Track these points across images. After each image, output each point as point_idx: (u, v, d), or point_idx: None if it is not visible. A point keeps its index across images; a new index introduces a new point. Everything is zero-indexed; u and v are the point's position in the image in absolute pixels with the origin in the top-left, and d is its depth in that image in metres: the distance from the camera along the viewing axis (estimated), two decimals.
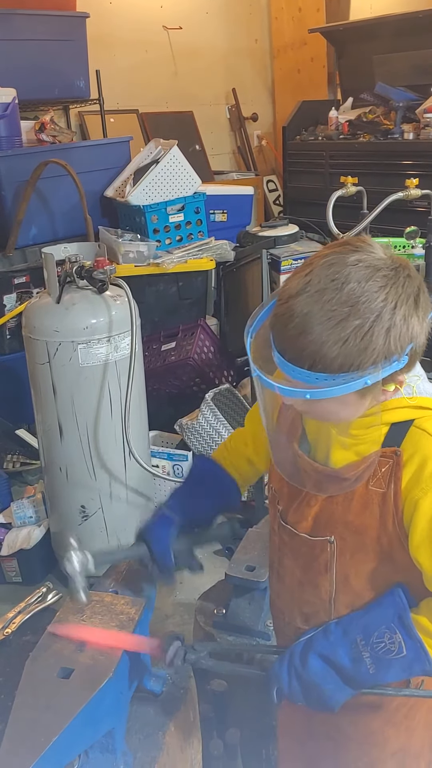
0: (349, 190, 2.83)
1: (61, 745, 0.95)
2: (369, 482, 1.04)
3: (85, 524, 2.56)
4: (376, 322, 0.89)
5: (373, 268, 0.91)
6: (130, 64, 4.87)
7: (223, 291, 3.78)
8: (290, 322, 0.91)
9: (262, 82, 5.87)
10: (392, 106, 4.22)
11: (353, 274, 0.90)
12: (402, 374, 0.96)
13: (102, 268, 2.31)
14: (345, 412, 0.99)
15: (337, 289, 0.89)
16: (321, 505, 1.11)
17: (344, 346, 0.89)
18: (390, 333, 0.89)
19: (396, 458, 1.01)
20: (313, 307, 0.90)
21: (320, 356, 0.90)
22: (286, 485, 1.16)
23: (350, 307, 0.89)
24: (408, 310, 0.91)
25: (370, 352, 0.89)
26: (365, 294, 0.89)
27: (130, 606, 1.18)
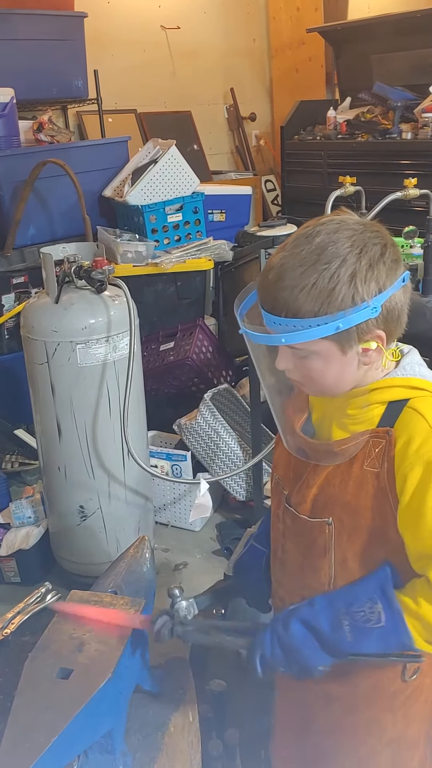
0: (348, 190, 2.83)
1: (61, 745, 0.95)
2: (364, 463, 1.07)
3: (83, 524, 2.56)
4: (341, 265, 0.96)
5: (343, 223, 1.00)
6: (128, 64, 4.87)
7: (222, 291, 3.78)
8: (269, 273, 1.01)
9: (260, 81, 5.87)
10: (390, 105, 4.23)
11: (324, 228, 1.00)
12: (381, 330, 1.01)
13: (100, 268, 2.31)
14: (331, 371, 1.03)
15: (309, 242, 0.99)
16: (319, 487, 1.13)
17: (313, 289, 0.96)
18: (356, 277, 0.96)
19: (388, 438, 1.04)
20: (287, 258, 0.99)
21: (293, 300, 0.97)
22: (291, 471, 1.19)
23: (318, 255, 0.97)
24: (373, 259, 0.98)
25: (337, 294, 0.96)
26: (332, 243, 0.97)
27: (129, 606, 1.18)
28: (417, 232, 2.76)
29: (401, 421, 1.04)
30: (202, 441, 3.00)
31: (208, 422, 2.96)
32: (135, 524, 2.65)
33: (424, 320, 2.19)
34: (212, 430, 2.97)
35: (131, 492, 2.59)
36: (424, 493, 1.01)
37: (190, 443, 3.03)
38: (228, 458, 2.99)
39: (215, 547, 2.96)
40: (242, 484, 3.03)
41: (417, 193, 2.56)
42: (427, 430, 1.02)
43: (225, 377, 3.51)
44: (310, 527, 1.16)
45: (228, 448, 2.98)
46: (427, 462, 1.01)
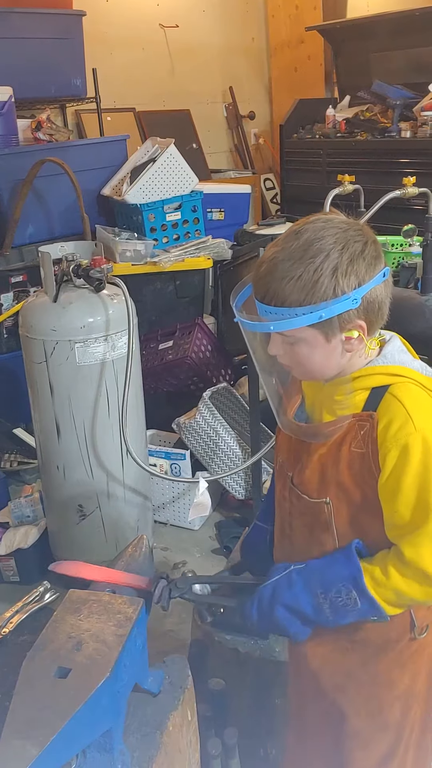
0: (346, 189, 2.82)
1: (59, 744, 0.94)
2: (351, 444, 1.16)
3: (82, 523, 2.56)
4: (324, 260, 1.06)
5: (330, 222, 1.10)
6: (126, 63, 4.86)
7: (221, 290, 3.77)
8: (261, 266, 1.11)
9: (259, 80, 5.87)
10: (389, 104, 4.22)
11: (311, 226, 1.10)
12: (362, 320, 1.10)
13: (99, 267, 2.30)
14: (316, 356, 1.13)
15: (297, 238, 1.09)
16: (315, 470, 1.23)
17: (299, 281, 1.06)
18: (338, 269, 1.06)
19: (371, 421, 1.13)
20: (278, 253, 1.09)
21: (281, 290, 1.07)
22: (293, 454, 1.28)
23: (305, 250, 1.07)
24: (354, 254, 1.07)
25: (321, 285, 1.06)
26: (318, 239, 1.07)
27: (127, 605, 1.18)
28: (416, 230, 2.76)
29: (382, 405, 1.13)
30: (201, 440, 3.00)
31: (207, 421, 2.96)
32: (134, 523, 2.65)
33: (423, 319, 2.19)
34: (211, 428, 2.97)
35: (130, 491, 2.59)
36: (400, 474, 1.10)
37: (189, 442, 3.03)
38: (227, 457, 2.99)
39: (214, 545, 2.96)
40: (241, 483, 3.03)
41: (416, 192, 2.55)
42: (404, 415, 1.10)
43: (224, 376, 3.51)
44: (311, 506, 1.25)
45: (227, 447, 2.98)
46: (403, 446, 1.09)
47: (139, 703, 1.22)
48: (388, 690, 1.30)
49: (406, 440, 1.09)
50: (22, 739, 0.94)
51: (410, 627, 1.26)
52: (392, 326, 1.31)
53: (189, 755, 1.28)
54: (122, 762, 1.09)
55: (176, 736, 1.21)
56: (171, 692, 1.26)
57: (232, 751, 1.56)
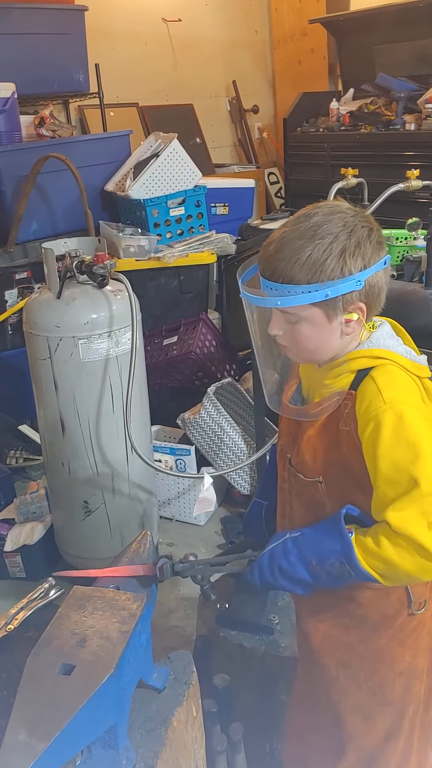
0: (350, 182, 2.81)
1: (63, 741, 0.95)
2: (339, 423, 1.20)
3: (88, 519, 2.56)
4: (333, 241, 1.11)
5: (337, 207, 1.16)
6: (129, 58, 4.84)
7: (225, 284, 3.77)
8: (270, 245, 1.15)
9: (262, 73, 5.84)
10: (393, 96, 4.19)
11: (321, 210, 1.15)
12: (363, 303, 1.15)
13: (102, 263, 2.30)
14: (316, 336, 1.17)
15: (307, 220, 1.14)
16: (309, 451, 1.27)
17: (308, 261, 1.10)
18: (345, 251, 1.10)
19: (353, 399, 1.18)
20: (287, 233, 1.14)
21: (289, 269, 1.11)
22: (291, 436, 1.33)
23: (314, 231, 1.12)
24: (361, 238, 1.12)
25: (329, 265, 1.10)
26: (327, 222, 1.12)
27: (131, 602, 1.18)
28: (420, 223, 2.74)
29: (361, 386, 1.18)
30: (205, 435, 3.00)
31: (211, 416, 2.96)
32: (139, 519, 2.65)
33: (427, 312, 2.18)
34: (216, 424, 2.96)
35: (135, 487, 2.60)
36: (374, 447, 1.13)
37: (193, 437, 3.03)
38: (232, 452, 2.99)
39: (220, 541, 2.96)
40: (246, 478, 3.03)
41: (419, 185, 2.54)
42: (374, 391, 1.15)
43: (228, 371, 3.50)
44: (307, 485, 1.29)
45: (232, 442, 2.98)
46: (374, 420, 1.13)
47: (144, 699, 1.22)
48: (390, 666, 1.32)
49: (376, 413, 1.12)
50: (27, 736, 0.94)
51: (407, 602, 1.29)
52: (397, 320, 1.31)
53: (194, 751, 1.28)
54: (127, 758, 1.09)
55: (181, 732, 1.21)
56: (176, 688, 1.26)
57: (237, 746, 1.56)
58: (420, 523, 1.09)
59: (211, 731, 1.52)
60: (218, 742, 1.52)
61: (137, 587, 1.24)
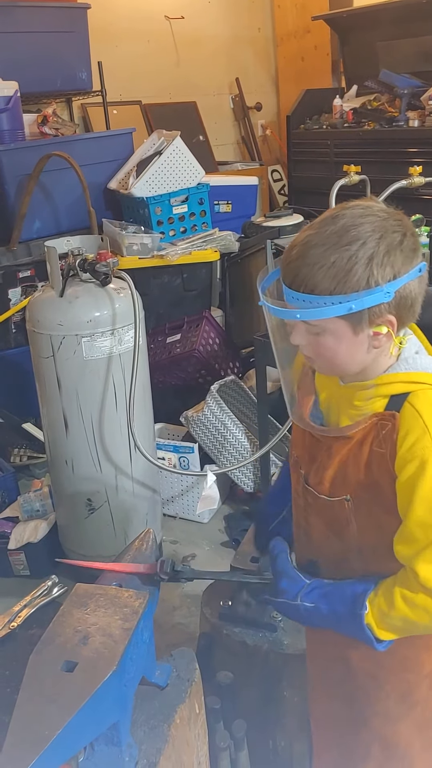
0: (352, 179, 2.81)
1: (66, 738, 0.95)
2: (373, 443, 1.12)
3: (91, 517, 2.57)
4: (361, 248, 1.01)
5: (368, 209, 1.05)
6: (132, 55, 4.84)
7: (228, 282, 3.76)
8: (292, 250, 1.06)
9: (265, 71, 5.83)
10: (397, 93, 4.19)
11: (349, 212, 1.05)
12: (392, 315, 1.05)
13: (105, 261, 2.30)
14: (341, 350, 1.08)
15: (334, 223, 1.04)
16: (335, 468, 1.19)
17: (332, 268, 1.01)
18: (373, 260, 1.01)
19: (393, 421, 1.10)
20: (312, 237, 1.04)
21: (311, 276, 1.02)
22: (307, 452, 1.26)
23: (340, 236, 1.02)
24: (391, 244, 1.02)
25: (354, 274, 1.01)
26: (355, 226, 1.02)
27: (134, 599, 1.18)
28: (423, 220, 2.74)
29: (402, 413, 1.09)
30: (209, 433, 3.00)
31: (215, 414, 2.96)
32: (143, 517, 2.66)
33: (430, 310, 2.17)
34: (219, 422, 2.97)
35: (138, 484, 2.60)
36: (413, 487, 1.07)
37: (197, 435, 3.03)
38: (235, 450, 2.99)
39: (224, 538, 2.96)
40: (250, 476, 3.03)
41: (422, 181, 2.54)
42: (421, 427, 1.06)
43: (232, 369, 3.50)
44: (330, 504, 1.22)
45: (235, 440, 2.98)
46: (420, 459, 1.06)
47: (147, 697, 1.22)
48: (417, 672, 1.30)
49: (423, 453, 1.05)
50: (29, 732, 0.94)
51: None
52: None
53: (197, 748, 1.28)
54: (130, 755, 1.10)
55: (184, 729, 1.22)
56: (178, 685, 1.26)
57: (240, 743, 1.56)
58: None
59: (214, 728, 1.53)
60: (221, 739, 1.53)
61: (140, 585, 1.25)
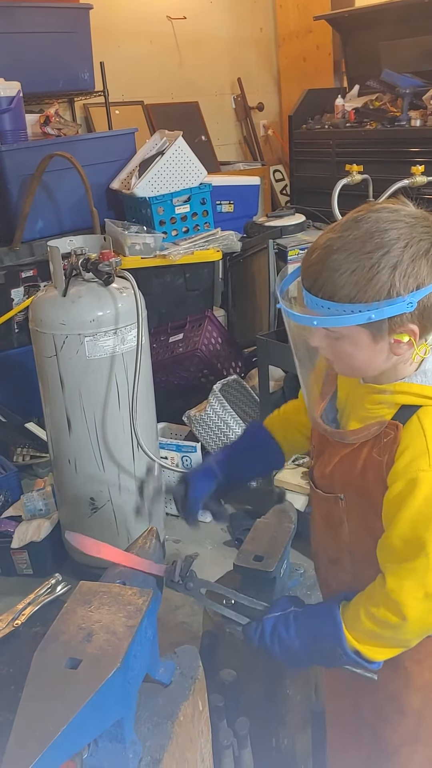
0: (354, 179, 2.82)
1: (70, 735, 0.95)
2: (373, 449, 1.12)
3: (94, 516, 2.57)
4: (384, 256, 0.97)
5: (396, 213, 1.00)
6: (134, 56, 4.85)
7: (231, 282, 3.77)
8: (313, 252, 1.03)
9: (267, 71, 5.83)
10: (399, 92, 4.19)
11: (374, 215, 1.00)
12: (415, 325, 1.01)
13: (107, 261, 2.31)
14: (360, 356, 1.06)
15: (358, 227, 0.99)
16: (335, 466, 1.20)
17: (353, 275, 0.97)
18: (396, 269, 0.97)
19: (396, 432, 1.08)
20: (334, 240, 1.00)
21: (331, 282, 0.99)
22: (319, 444, 1.27)
23: (363, 242, 0.98)
24: (417, 253, 0.97)
25: (375, 283, 0.97)
26: (380, 232, 0.98)
27: (137, 597, 1.18)
28: None
29: (408, 426, 1.08)
30: (211, 432, 3.00)
31: (217, 413, 2.97)
32: (145, 516, 2.66)
33: None
34: (222, 421, 2.97)
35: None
36: (400, 504, 1.06)
37: (199, 434, 3.03)
38: None
39: (226, 537, 2.97)
40: None
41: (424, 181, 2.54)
42: (422, 447, 1.05)
43: (234, 368, 3.50)
44: (326, 499, 1.24)
45: None
46: (411, 479, 1.05)
47: (151, 694, 1.23)
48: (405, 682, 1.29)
49: (416, 475, 1.04)
50: (33, 730, 0.95)
51: None
52: None
53: (200, 745, 1.28)
54: (134, 751, 1.10)
55: (187, 726, 1.22)
56: (182, 682, 1.26)
57: (243, 740, 1.57)
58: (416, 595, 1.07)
59: (218, 726, 1.53)
60: (224, 736, 1.53)
61: (144, 582, 1.25)
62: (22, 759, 0.91)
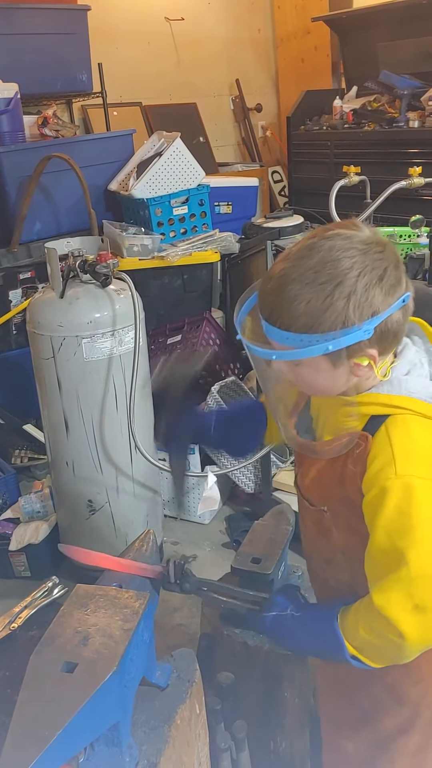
0: (352, 180, 2.81)
1: (66, 738, 0.95)
2: (348, 461, 1.13)
3: (92, 518, 2.57)
4: (338, 287, 0.98)
5: (349, 240, 1.00)
6: (132, 57, 4.84)
7: (229, 283, 3.77)
8: (268, 282, 1.04)
9: (265, 72, 5.83)
10: (397, 94, 4.19)
11: (327, 243, 1.01)
12: (374, 349, 1.03)
13: (105, 262, 2.30)
14: (321, 380, 1.08)
15: (311, 256, 1.00)
16: (313, 480, 1.22)
17: (308, 306, 0.98)
18: (350, 300, 0.98)
19: (366, 443, 1.09)
20: (289, 270, 1.01)
21: (287, 314, 1.00)
22: (299, 455, 1.28)
23: (317, 272, 0.99)
24: (371, 281, 0.99)
25: (330, 314, 0.98)
26: (333, 261, 0.99)
27: (134, 600, 1.18)
28: (424, 221, 2.74)
29: (376, 436, 1.09)
30: None
31: None
32: (143, 518, 2.66)
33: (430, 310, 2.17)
34: None
35: (139, 486, 2.60)
36: (374, 515, 1.07)
37: None
38: None
39: (225, 539, 2.96)
40: (251, 477, 3.03)
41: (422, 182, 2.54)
42: (389, 456, 1.06)
43: (232, 370, 3.50)
44: (312, 510, 1.26)
45: None
46: (380, 488, 1.05)
47: (147, 697, 1.22)
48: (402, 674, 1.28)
49: (384, 484, 1.05)
50: (29, 733, 0.94)
51: None
52: None
53: (198, 748, 1.28)
54: (130, 755, 1.10)
55: (184, 730, 1.22)
56: (179, 686, 1.26)
57: (241, 744, 1.56)
58: (404, 607, 1.04)
59: (215, 729, 1.52)
60: (222, 739, 1.52)
61: (140, 585, 1.25)
62: (18, 763, 0.91)
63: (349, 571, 1.27)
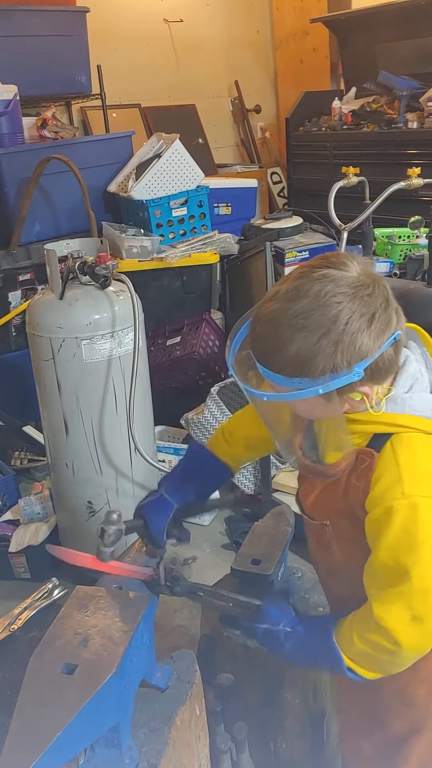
0: (351, 181, 2.81)
1: (66, 740, 0.95)
2: (351, 475, 1.13)
3: (92, 520, 2.57)
4: (324, 335, 0.98)
5: (335, 284, 1.00)
6: (131, 59, 4.85)
7: (228, 284, 3.77)
8: (257, 325, 1.04)
9: (264, 73, 5.84)
10: (396, 95, 4.20)
11: (315, 287, 1.00)
12: (366, 386, 1.05)
13: (104, 264, 2.31)
14: (316, 412, 1.10)
15: (299, 299, 1.00)
16: (317, 494, 1.23)
17: (298, 353, 0.99)
18: (337, 347, 0.98)
19: (371, 460, 1.10)
20: (276, 314, 1.01)
21: (278, 358, 1.01)
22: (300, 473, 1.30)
23: (304, 319, 0.99)
24: (359, 327, 0.99)
25: (318, 362, 0.99)
26: (321, 308, 0.98)
27: (134, 601, 1.18)
28: (423, 221, 2.74)
29: (382, 454, 1.09)
30: (209, 435, 3.00)
31: (215, 416, 2.96)
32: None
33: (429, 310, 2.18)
34: (219, 424, 2.96)
35: (139, 487, 2.60)
36: (378, 533, 1.08)
37: (197, 437, 3.03)
38: None
39: (224, 540, 2.96)
40: (250, 478, 3.03)
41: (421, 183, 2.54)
42: (396, 475, 1.06)
43: None
44: (313, 524, 1.27)
45: None
46: (387, 508, 1.06)
47: (147, 699, 1.22)
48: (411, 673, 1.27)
49: (391, 503, 1.05)
50: (29, 734, 0.94)
51: None
52: None
53: (198, 750, 1.28)
54: (130, 757, 1.10)
55: (184, 731, 1.22)
56: (179, 687, 1.26)
57: (241, 745, 1.56)
58: (403, 618, 1.06)
59: (215, 730, 1.52)
60: (222, 741, 1.52)
61: (140, 587, 1.25)
62: (18, 764, 0.91)
63: (348, 582, 1.26)
